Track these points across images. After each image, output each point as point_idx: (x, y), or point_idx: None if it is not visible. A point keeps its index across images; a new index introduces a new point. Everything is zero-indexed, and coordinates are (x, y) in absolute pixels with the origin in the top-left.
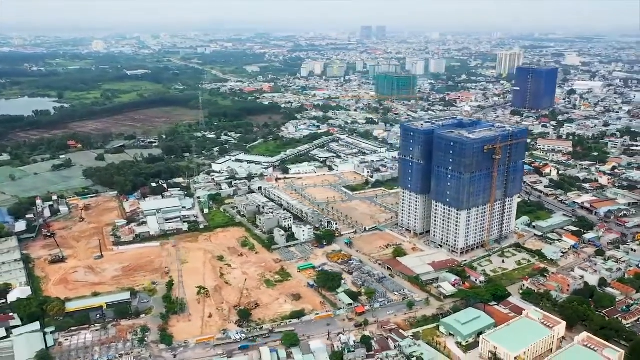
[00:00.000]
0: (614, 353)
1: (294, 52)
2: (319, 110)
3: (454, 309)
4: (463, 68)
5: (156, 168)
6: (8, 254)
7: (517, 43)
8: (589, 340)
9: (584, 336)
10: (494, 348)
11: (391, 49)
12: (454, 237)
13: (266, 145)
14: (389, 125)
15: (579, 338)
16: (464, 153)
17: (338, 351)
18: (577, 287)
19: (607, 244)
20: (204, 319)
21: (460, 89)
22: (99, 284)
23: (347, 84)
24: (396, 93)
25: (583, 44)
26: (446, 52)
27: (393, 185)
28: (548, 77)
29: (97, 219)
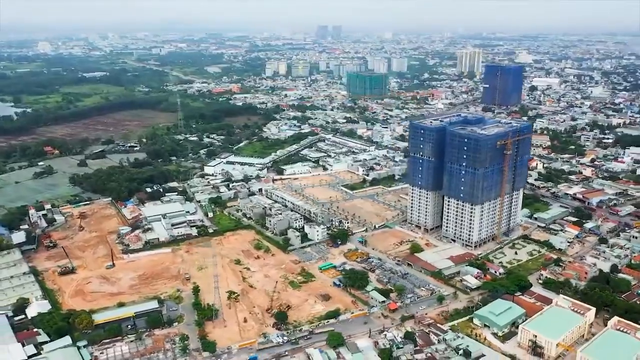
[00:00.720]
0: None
1: (251, 52)
2: (295, 110)
3: (483, 302)
4: (423, 67)
5: (147, 172)
6: (15, 267)
7: (467, 42)
8: (619, 324)
9: (614, 320)
10: (533, 336)
11: (348, 48)
12: (467, 231)
13: (252, 147)
14: (369, 124)
15: (611, 322)
16: (478, 149)
17: (386, 348)
18: (593, 275)
19: (607, 232)
20: (239, 323)
21: (427, 87)
22: (119, 294)
23: (314, 83)
24: (369, 92)
25: (530, 42)
26: (403, 51)
27: (389, 183)
28: (515, 74)
29: (96, 227)
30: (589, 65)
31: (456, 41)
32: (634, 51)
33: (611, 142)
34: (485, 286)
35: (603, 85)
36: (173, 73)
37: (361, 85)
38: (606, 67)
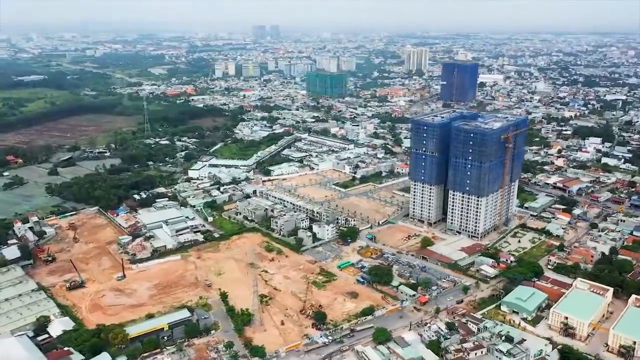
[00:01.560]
0: None
1: (192, 53)
2: (260, 110)
3: (505, 289)
4: (370, 65)
5: (131, 179)
6: (21, 284)
7: (405, 41)
8: (638, 301)
9: (633, 298)
10: (564, 319)
11: (291, 47)
12: (474, 222)
13: (228, 149)
14: (340, 123)
15: (631, 300)
16: (485, 143)
17: (433, 340)
18: (597, 257)
19: (594, 218)
20: (278, 327)
21: (380, 85)
22: (140, 306)
23: (269, 84)
24: (329, 92)
25: (463, 41)
26: (345, 50)
27: (378, 180)
28: (471, 71)
29: (91, 237)
30: (524, 62)
31: (394, 40)
32: (560, 48)
33: (570, 134)
34: (505, 274)
35: (543, 80)
36: (116, 75)
37: (321, 85)
38: (540, 63)
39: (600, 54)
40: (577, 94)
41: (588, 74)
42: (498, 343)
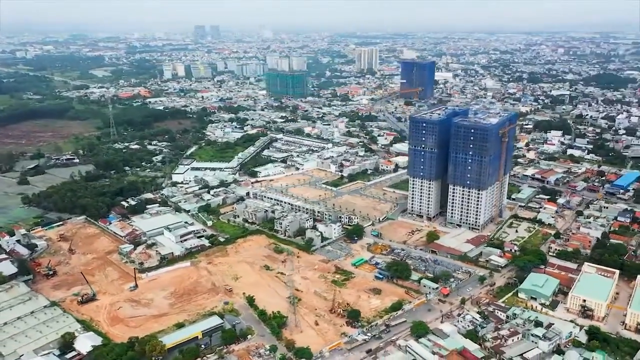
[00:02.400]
0: None
1: (133, 54)
2: (225, 112)
3: (518, 277)
4: (319, 65)
5: (115, 185)
6: (31, 301)
7: (347, 40)
8: None
9: (639, 279)
10: (582, 301)
11: (235, 47)
12: (474, 215)
13: (204, 151)
14: (311, 122)
15: (638, 281)
16: (486, 138)
17: (470, 329)
18: (594, 243)
19: (576, 206)
20: (313, 327)
21: (336, 84)
22: (163, 315)
23: (223, 84)
24: (291, 92)
25: (403, 40)
26: (290, 50)
27: (365, 177)
28: (429, 69)
29: (87, 248)
30: (466, 60)
31: (337, 40)
32: (495, 46)
33: (532, 128)
34: (515, 263)
35: (490, 77)
36: (56, 78)
37: (282, 85)
38: (481, 61)
39: (534, 52)
40: (525, 90)
41: (528, 70)
42: (531, 328)
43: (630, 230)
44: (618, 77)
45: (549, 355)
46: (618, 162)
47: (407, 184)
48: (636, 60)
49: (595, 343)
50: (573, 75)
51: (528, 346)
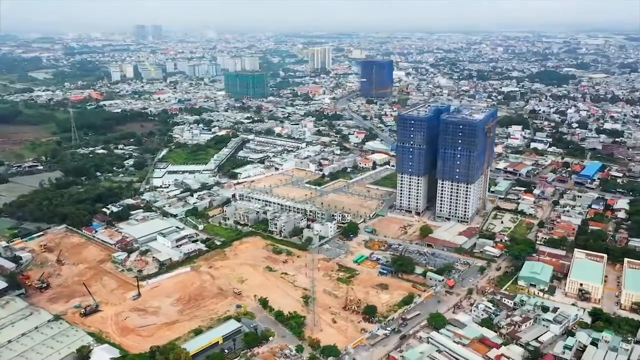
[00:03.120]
0: None
1: (72, 55)
2: (187, 113)
3: (515, 266)
4: (271, 65)
5: (91, 192)
6: (32, 316)
7: (293, 40)
8: (630, 263)
9: (626, 262)
10: (580, 285)
11: (179, 48)
12: (463, 208)
13: (176, 154)
14: (278, 122)
15: (625, 264)
16: (474, 133)
17: (485, 317)
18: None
19: (551, 196)
20: (332, 325)
21: (292, 84)
22: (174, 323)
23: (177, 85)
24: (251, 92)
25: (348, 39)
26: (237, 50)
27: (345, 175)
28: (388, 68)
29: (76, 258)
30: (414, 59)
31: (282, 39)
32: (438, 46)
33: None
34: (509, 252)
35: (441, 75)
36: None
37: (242, 86)
38: (429, 60)
39: (476, 51)
40: (477, 87)
41: (475, 68)
42: (540, 313)
43: (605, 217)
44: (558, 73)
45: (561, 338)
46: (578, 153)
47: (388, 181)
48: (570, 57)
49: (601, 324)
50: (518, 73)
51: (541, 330)
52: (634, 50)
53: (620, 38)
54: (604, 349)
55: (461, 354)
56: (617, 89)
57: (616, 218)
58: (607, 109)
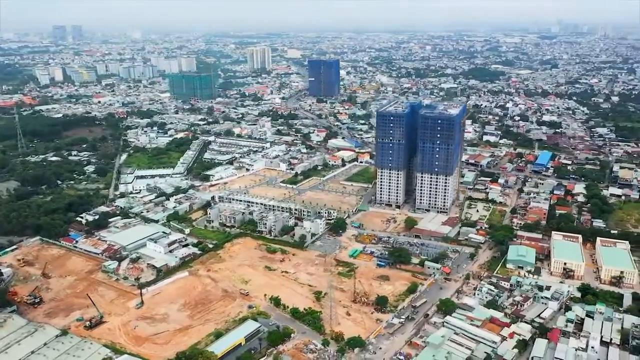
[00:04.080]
0: (624, 244)
1: None
2: (137, 116)
3: (500, 251)
4: (206, 66)
5: (59, 201)
6: (37, 332)
7: (225, 40)
8: (602, 241)
9: (599, 240)
10: (563, 264)
11: (105, 49)
12: (442, 199)
13: (137, 158)
14: (235, 123)
15: (598, 243)
16: (452, 127)
17: (489, 299)
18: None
19: (514, 184)
20: (347, 318)
21: (234, 85)
22: (187, 328)
23: (115, 88)
24: (198, 93)
25: (278, 39)
26: (167, 51)
27: (316, 173)
28: (335, 67)
29: (62, 270)
30: (349, 58)
31: (213, 40)
32: (369, 45)
33: None
34: (494, 238)
35: (380, 73)
36: None
37: (188, 87)
38: (364, 59)
39: (406, 50)
40: (418, 84)
41: (410, 67)
42: (537, 292)
43: (567, 201)
44: (488, 70)
45: (559, 313)
46: (527, 144)
47: (360, 177)
48: (494, 55)
49: (591, 298)
50: (451, 70)
51: (541, 308)
52: (548, 47)
53: (534, 37)
54: (600, 320)
55: (478, 334)
56: (543, 83)
57: (576, 202)
58: (541, 102)
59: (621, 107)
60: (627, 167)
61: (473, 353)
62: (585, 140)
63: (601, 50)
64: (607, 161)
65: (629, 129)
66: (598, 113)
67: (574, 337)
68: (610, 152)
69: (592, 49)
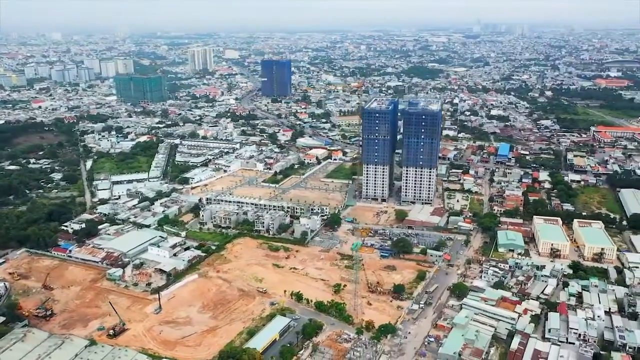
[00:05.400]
0: (598, 224)
1: None
2: (88, 121)
3: (490, 237)
4: (142, 68)
5: (38, 212)
6: (65, 344)
7: (154, 41)
8: (579, 222)
9: (576, 222)
10: (550, 245)
11: (25, 51)
12: (427, 191)
13: (102, 164)
14: (196, 125)
15: (575, 224)
16: (435, 122)
17: (496, 280)
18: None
19: (484, 174)
20: (370, 307)
21: (180, 87)
22: (215, 329)
23: (51, 91)
24: (148, 96)
25: (211, 40)
26: (96, 53)
27: (294, 172)
28: (287, 67)
29: (62, 281)
30: (289, 58)
31: (139, 41)
32: (305, 45)
33: None
34: (482, 225)
35: (324, 73)
36: None
37: (137, 90)
38: (303, 58)
39: (342, 49)
40: (365, 82)
41: (351, 66)
42: (536, 272)
43: (536, 188)
44: (426, 68)
45: (558, 289)
46: (483, 137)
47: (339, 173)
48: (428, 54)
49: (582, 273)
50: (391, 69)
51: (542, 285)
52: (475, 46)
53: (459, 36)
54: (596, 292)
55: (496, 312)
56: (481, 80)
57: (544, 188)
58: (485, 98)
59: (556, 101)
60: (580, 155)
61: (496, 330)
62: (534, 132)
63: (523, 48)
64: (560, 150)
65: (569, 120)
66: (537, 107)
67: (580, 309)
68: (559, 142)
69: (514, 47)
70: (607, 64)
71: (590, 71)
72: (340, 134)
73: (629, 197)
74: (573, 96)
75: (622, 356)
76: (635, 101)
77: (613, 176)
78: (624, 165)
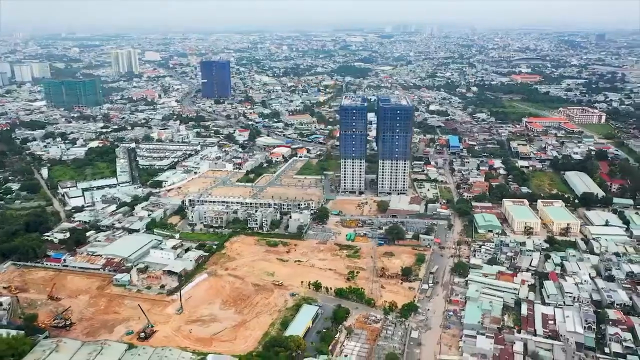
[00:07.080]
0: (559, 203)
1: None
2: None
3: (469, 220)
4: (58, 71)
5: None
6: (105, 349)
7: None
8: (544, 203)
9: (540, 202)
10: (524, 223)
11: None
12: (402, 182)
13: (59, 172)
14: (146, 129)
15: (540, 205)
16: (409, 117)
17: (490, 257)
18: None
19: (443, 165)
20: (385, 291)
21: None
22: (244, 323)
23: None
24: (83, 100)
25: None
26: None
27: (264, 171)
28: (227, 68)
29: (66, 291)
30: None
31: (44, 43)
32: (226, 46)
33: None
34: (457, 210)
35: (256, 74)
36: None
37: (71, 94)
38: (230, 59)
39: (264, 50)
40: (301, 82)
41: (280, 66)
42: (521, 248)
43: (493, 175)
44: (354, 67)
45: (542, 261)
46: (431, 131)
47: (309, 170)
48: (350, 53)
49: (557, 246)
50: (321, 68)
51: (528, 259)
52: (391, 46)
53: (374, 36)
54: (574, 261)
55: (499, 284)
56: (409, 78)
57: (500, 174)
58: (420, 94)
59: (483, 96)
60: (522, 144)
61: (505, 300)
62: (474, 124)
63: (436, 47)
64: (502, 140)
65: (501, 112)
66: (468, 101)
67: (567, 276)
68: (499, 133)
69: (428, 46)
70: (515, 61)
71: (502, 67)
72: (295, 132)
73: (574, 178)
74: (496, 91)
75: (614, 311)
76: (551, 94)
77: (555, 161)
78: (560, 150)
